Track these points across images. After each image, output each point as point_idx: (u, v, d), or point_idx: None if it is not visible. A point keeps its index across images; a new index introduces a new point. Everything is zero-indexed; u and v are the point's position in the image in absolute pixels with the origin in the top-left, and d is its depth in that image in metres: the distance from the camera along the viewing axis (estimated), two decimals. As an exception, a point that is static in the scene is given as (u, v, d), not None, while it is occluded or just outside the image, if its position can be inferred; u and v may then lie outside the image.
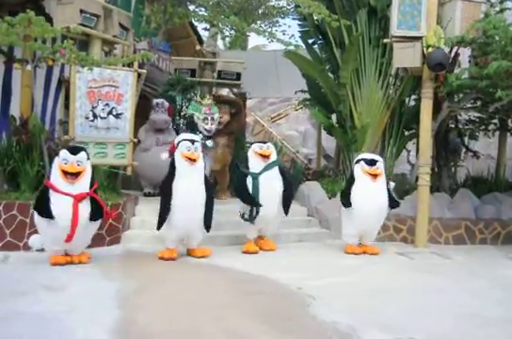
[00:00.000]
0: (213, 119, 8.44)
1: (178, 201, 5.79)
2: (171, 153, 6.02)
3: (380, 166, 6.77)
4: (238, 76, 10.58)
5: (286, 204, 6.63)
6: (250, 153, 6.60)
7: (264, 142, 6.84)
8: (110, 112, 7.37)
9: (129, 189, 8.45)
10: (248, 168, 6.53)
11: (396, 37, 7.58)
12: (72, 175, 5.33)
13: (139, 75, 8.02)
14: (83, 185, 5.42)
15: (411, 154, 10.28)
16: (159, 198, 5.99)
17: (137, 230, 6.97)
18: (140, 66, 7.97)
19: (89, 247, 6.26)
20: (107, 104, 7.33)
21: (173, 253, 5.98)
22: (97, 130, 7.23)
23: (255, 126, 17.29)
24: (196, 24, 12.38)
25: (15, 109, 7.48)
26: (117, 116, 7.40)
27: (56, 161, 5.42)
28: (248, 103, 12.74)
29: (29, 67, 7.01)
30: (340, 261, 6.41)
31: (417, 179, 7.80)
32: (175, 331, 3.70)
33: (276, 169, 6.58)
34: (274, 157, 6.64)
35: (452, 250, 7.46)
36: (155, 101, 8.74)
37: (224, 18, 9.49)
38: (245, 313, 4.18)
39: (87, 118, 7.14)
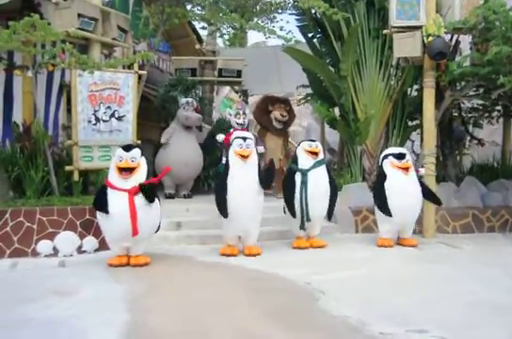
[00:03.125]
0: (244, 113, 8.69)
1: (232, 198, 5.91)
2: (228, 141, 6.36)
3: (409, 158, 6.87)
4: (239, 74, 10.60)
5: (331, 209, 6.74)
6: (299, 151, 6.74)
7: (313, 140, 6.97)
8: (112, 115, 7.37)
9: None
10: (297, 164, 6.65)
11: (396, 27, 7.54)
12: (126, 171, 5.51)
13: (140, 77, 8.03)
14: (137, 180, 5.56)
15: (416, 144, 10.24)
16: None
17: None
18: (141, 67, 7.97)
19: (97, 250, 6.33)
20: (109, 107, 7.33)
21: (234, 250, 6.16)
22: (100, 133, 7.23)
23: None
24: (194, 23, 12.36)
25: (17, 116, 7.52)
26: (119, 118, 7.41)
27: (113, 160, 5.67)
28: (250, 99, 12.70)
29: (30, 73, 7.02)
30: (348, 254, 6.40)
31: (422, 169, 7.76)
32: (186, 332, 3.71)
33: (323, 168, 6.70)
34: (322, 156, 6.77)
35: (460, 238, 7.43)
36: (184, 99, 9.08)
37: (222, 16, 9.48)
38: (254, 310, 4.19)
39: (89, 121, 7.14)
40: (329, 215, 6.76)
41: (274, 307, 4.29)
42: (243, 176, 6.01)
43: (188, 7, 9.87)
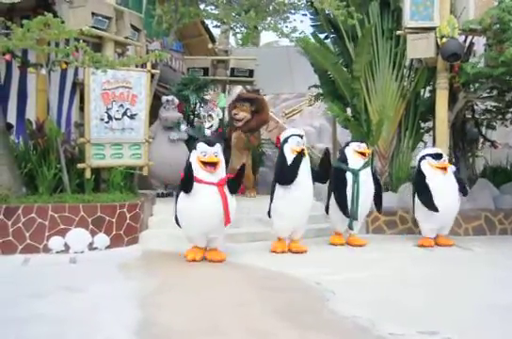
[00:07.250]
0: (210, 115, 8.53)
1: (296, 193, 6.16)
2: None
3: (446, 158, 7.01)
4: (251, 73, 10.59)
5: (380, 201, 7.09)
6: (349, 151, 6.95)
7: (362, 141, 7.21)
8: (125, 113, 7.39)
9: (146, 189, 8.46)
10: (347, 164, 6.86)
11: (410, 28, 7.53)
12: (211, 165, 5.61)
13: (153, 76, 8.04)
14: (221, 174, 5.71)
15: (428, 146, 10.18)
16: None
17: (155, 229, 6.99)
18: (153, 66, 7.98)
19: (108, 247, 6.36)
20: (122, 106, 7.35)
21: (285, 247, 6.40)
22: (112, 131, 7.25)
23: (269, 123, 17.22)
24: (207, 22, 12.37)
25: (31, 113, 7.57)
26: (131, 117, 7.42)
27: (195, 154, 5.70)
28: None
29: (44, 71, 7.06)
30: (358, 255, 6.39)
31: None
32: (196, 330, 3.71)
33: (369, 168, 6.96)
34: (368, 157, 7.04)
35: (472, 241, 7.40)
36: (165, 98, 8.76)
37: (236, 16, 9.47)
38: (265, 309, 4.18)
39: (102, 119, 7.17)
40: (379, 207, 7.15)
41: (284, 306, 4.28)
42: (303, 172, 6.22)
43: (202, 6, 9.88)
